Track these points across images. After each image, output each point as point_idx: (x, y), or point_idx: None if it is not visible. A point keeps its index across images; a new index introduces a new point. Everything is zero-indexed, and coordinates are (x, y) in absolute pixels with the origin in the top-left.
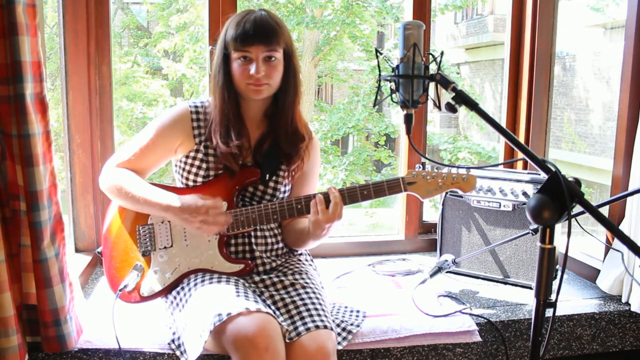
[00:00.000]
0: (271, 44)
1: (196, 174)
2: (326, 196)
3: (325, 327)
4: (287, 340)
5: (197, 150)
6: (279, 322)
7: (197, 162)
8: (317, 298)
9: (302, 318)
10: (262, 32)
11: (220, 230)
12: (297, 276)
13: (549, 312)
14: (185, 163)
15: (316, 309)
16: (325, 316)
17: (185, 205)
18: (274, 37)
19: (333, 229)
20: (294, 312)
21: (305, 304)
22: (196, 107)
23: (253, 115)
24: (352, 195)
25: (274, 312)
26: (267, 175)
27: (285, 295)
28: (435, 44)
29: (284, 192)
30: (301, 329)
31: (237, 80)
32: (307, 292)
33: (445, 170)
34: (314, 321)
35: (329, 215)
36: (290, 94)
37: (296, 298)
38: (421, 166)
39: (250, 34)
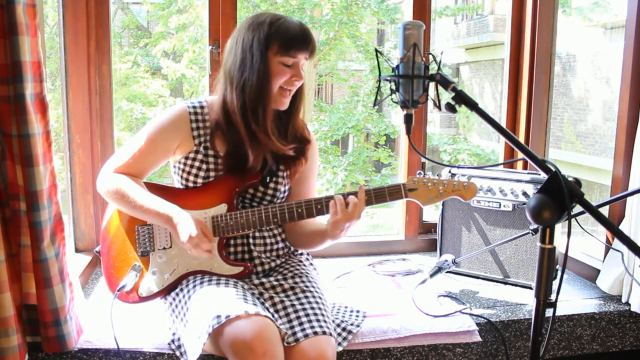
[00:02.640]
0: (313, 53)
1: (196, 175)
2: (327, 200)
3: (324, 332)
4: (285, 344)
5: (196, 152)
6: (278, 325)
7: (197, 163)
8: (317, 302)
9: (301, 324)
10: (310, 41)
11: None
12: (297, 279)
13: (549, 312)
14: (185, 164)
15: (315, 314)
16: (325, 321)
17: (184, 223)
18: (315, 47)
19: (352, 229)
20: (293, 316)
21: (304, 309)
22: (194, 107)
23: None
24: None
25: (273, 315)
26: (267, 177)
27: (284, 299)
28: (435, 44)
29: (284, 192)
30: (299, 334)
31: (274, 81)
32: (306, 297)
33: (445, 176)
34: (312, 327)
35: (348, 214)
36: (302, 99)
37: (296, 302)
38: (422, 172)
39: (302, 41)
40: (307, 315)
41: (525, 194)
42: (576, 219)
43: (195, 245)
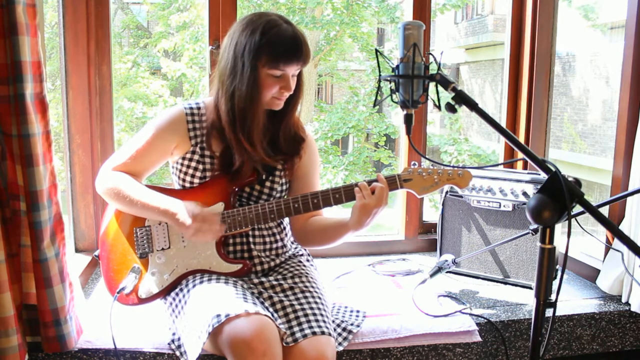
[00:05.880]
0: (305, 64)
1: (193, 175)
2: (323, 194)
3: (323, 332)
4: (284, 344)
5: (193, 152)
6: (277, 324)
7: (193, 164)
8: (316, 302)
9: (300, 324)
10: (302, 53)
11: (214, 239)
12: (297, 279)
13: (549, 312)
14: (182, 164)
15: (314, 314)
16: (324, 321)
17: (181, 211)
18: (308, 57)
19: (378, 216)
20: (291, 316)
21: (303, 309)
22: (191, 108)
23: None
24: (349, 192)
25: (272, 315)
26: (264, 176)
27: (284, 299)
28: (435, 44)
29: (280, 191)
30: (298, 335)
31: (263, 92)
32: (306, 297)
33: (441, 166)
34: (311, 327)
35: (376, 199)
36: (297, 101)
37: (295, 302)
38: (417, 163)
39: (292, 54)
40: (306, 315)
41: (525, 194)
42: (576, 219)
43: (203, 220)
